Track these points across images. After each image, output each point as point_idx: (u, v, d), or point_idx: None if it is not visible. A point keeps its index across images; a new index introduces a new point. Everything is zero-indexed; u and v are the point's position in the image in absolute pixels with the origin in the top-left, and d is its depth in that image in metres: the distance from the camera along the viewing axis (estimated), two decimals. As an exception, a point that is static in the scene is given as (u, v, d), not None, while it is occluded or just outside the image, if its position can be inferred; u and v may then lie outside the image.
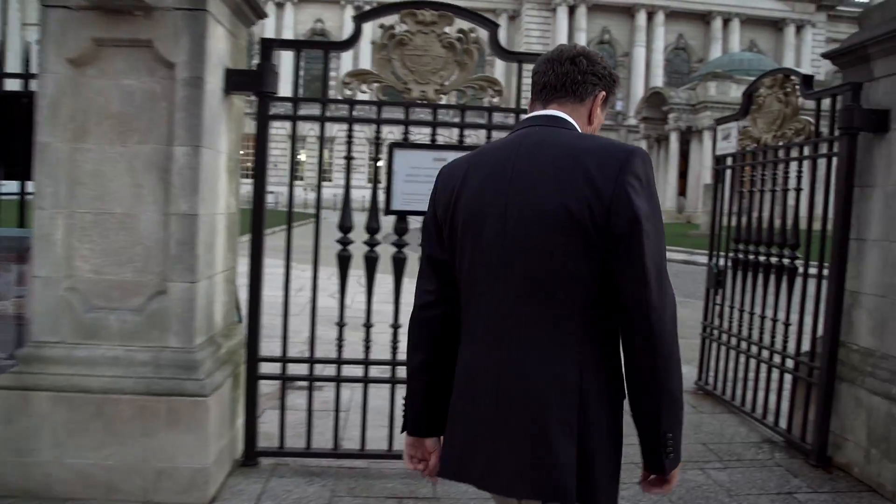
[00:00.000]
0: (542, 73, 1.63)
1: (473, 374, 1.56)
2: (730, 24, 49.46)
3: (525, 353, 1.48)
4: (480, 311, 1.55)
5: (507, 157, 1.54)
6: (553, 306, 1.47)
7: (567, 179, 1.44)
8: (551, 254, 1.45)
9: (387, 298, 4.18)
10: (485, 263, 1.53)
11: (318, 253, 3.64)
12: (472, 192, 1.56)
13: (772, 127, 4.50)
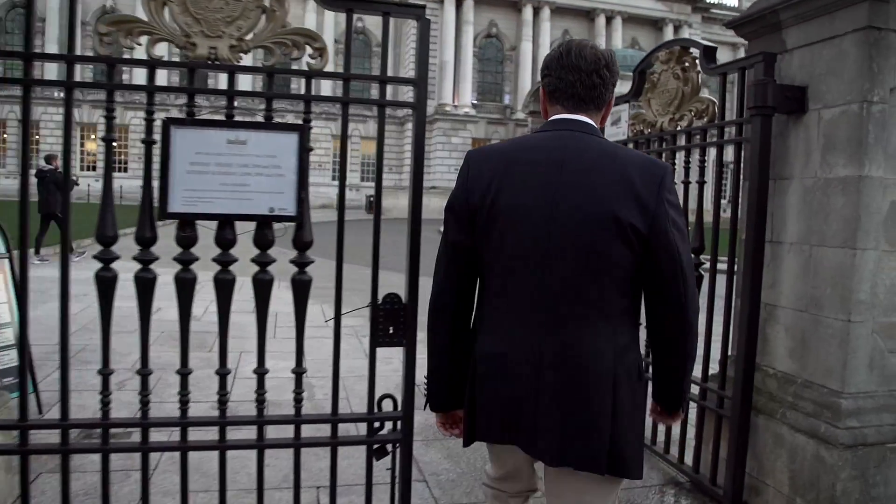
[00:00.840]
0: (570, 83, 1.77)
1: (515, 353, 1.73)
2: (612, 21, 50.52)
3: (568, 337, 1.68)
4: (523, 297, 1.72)
5: (554, 158, 1.71)
6: (594, 299, 1.69)
7: (615, 190, 1.65)
8: (598, 253, 1.66)
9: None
10: (532, 254, 1.69)
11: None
12: (519, 188, 1.71)
13: (668, 108, 3.81)
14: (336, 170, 49.14)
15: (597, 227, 1.65)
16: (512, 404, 1.74)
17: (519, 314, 1.74)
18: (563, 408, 1.68)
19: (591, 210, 1.66)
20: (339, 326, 2.77)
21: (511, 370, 1.73)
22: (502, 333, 1.77)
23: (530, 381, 1.71)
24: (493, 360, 1.77)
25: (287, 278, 2.75)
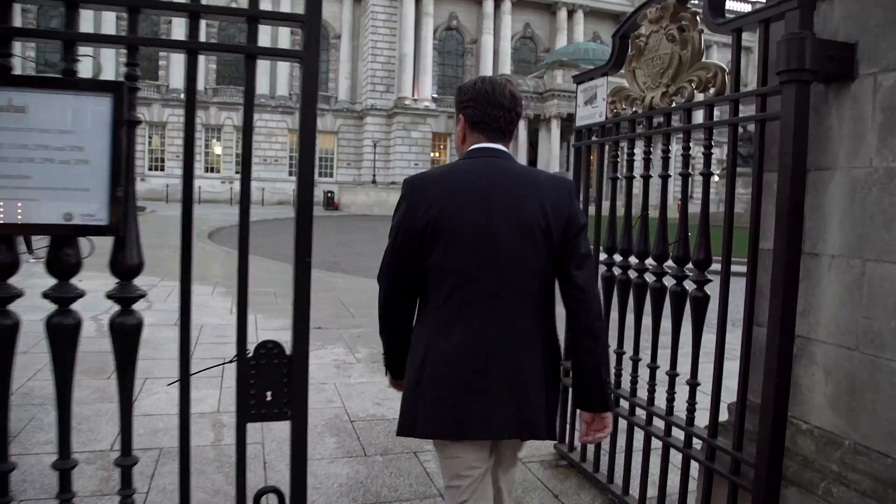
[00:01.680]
0: (496, 118, 2.07)
1: (464, 352, 1.96)
2: (574, 15, 50.02)
3: (510, 330, 1.97)
4: (468, 300, 1.98)
5: (485, 182, 2.00)
6: (526, 297, 2.00)
7: (537, 205, 1.98)
8: (527, 259, 1.97)
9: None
10: (474, 264, 1.96)
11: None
12: (459, 207, 1.97)
13: (660, 80, 2.97)
14: (295, 165, 47.93)
15: (525, 236, 1.96)
16: (468, 395, 1.95)
17: (466, 316, 1.98)
18: (512, 391, 1.95)
19: (519, 223, 1.97)
20: (187, 391, 1.85)
21: (465, 364, 1.96)
22: (453, 332, 1.98)
23: (482, 372, 1.95)
24: (448, 356, 1.97)
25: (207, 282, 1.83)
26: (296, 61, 1.82)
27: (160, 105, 45.30)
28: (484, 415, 1.95)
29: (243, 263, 1.86)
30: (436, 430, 2.00)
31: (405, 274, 2.06)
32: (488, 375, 1.95)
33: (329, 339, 6.69)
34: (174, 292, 9.54)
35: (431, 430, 2.00)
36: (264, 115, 47.05)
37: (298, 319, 1.85)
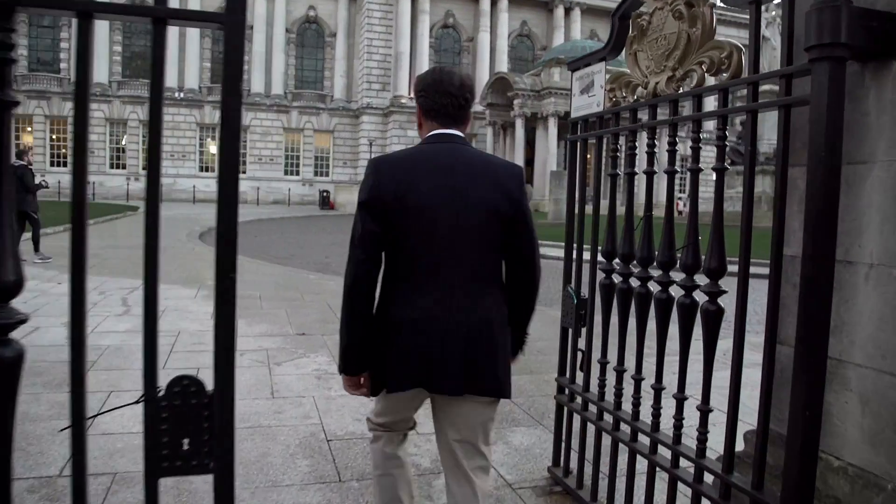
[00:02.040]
0: (444, 105, 2.25)
1: (428, 316, 2.14)
2: (571, 13, 49.68)
3: (473, 299, 2.17)
4: (432, 272, 2.16)
5: (445, 164, 2.19)
6: (481, 269, 2.21)
7: (491, 187, 2.18)
8: (482, 235, 2.18)
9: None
10: (436, 239, 2.14)
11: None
12: (422, 188, 2.14)
13: (665, 63, 2.62)
14: (290, 164, 47.49)
15: (482, 215, 2.17)
16: (428, 355, 2.14)
17: (428, 285, 2.17)
18: (470, 352, 2.15)
19: (476, 202, 2.17)
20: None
21: (427, 328, 2.15)
22: (416, 302, 2.17)
23: (443, 335, 2.14)
24: (412, 323, 2.16)
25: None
26: (214, 26, 1.45)
27: (154, 104, 44.85)
28: (451, 374, 2.15)
29: (151, 278, 1.49)
30: (409, 382, 2.19)
31: (374, 247, 2.16)
32: (450, 340, 2.14)
33: (312, 347, 6.33)
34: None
35: (400, 385, 2.20)
36: (259, 114, 46.65)
37: (221, 348, 1.50)
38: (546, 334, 7.19)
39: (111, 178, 43.80)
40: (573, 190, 3.54)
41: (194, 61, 45.62)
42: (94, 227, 21.70)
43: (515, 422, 4.52)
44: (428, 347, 2.14)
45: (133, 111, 44.59)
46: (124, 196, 42.35)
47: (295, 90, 47.73)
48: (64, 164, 43.83)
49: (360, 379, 2.29)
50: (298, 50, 48.30)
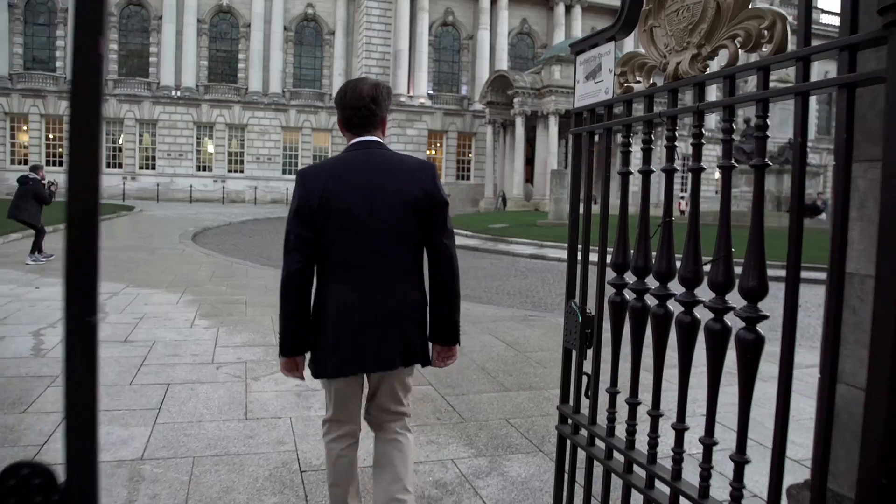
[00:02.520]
0: (351, 116, 2.55)
1: (351, 306, 2.45)
2: (572, 10, 49.20)
3: (389, 291, 2.49)
4: (356, 265, 2.46)
5: (363, 169, 2.48)
6: (403, 261, 2.51)
7: (408, 184, 2.48)
8: (402, 229, 2.48)
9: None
10: (360, 236, 2.44)
11: None
12: (345, 192, 2.44)
13: (689, 39, 2.18)
14: (288, 163, 47.04)
15: (399, 212, 2.46)
16: (361, 337, 2.45)
17: (357, 278, 2.47)
18: (396, 332, 2.49)
19: (394, 200, 2.45)
20: None
21: (359, 316, 2.45)
22: (348, 292, 2.47)
23: (372, 319, 2.46)
24: (343, 312, 2.46)
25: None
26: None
27: (150, 102, 44.41)
28: (376, 354, 2.48)
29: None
30: (347, 370, 2.50)
31: (305, 249, 2.44)
32: (377, 325, 2.46)
33: (295, 359, 5.90)
34: (136, 300, 8.74)
35: (345, 371, 2.50)
36: (257, 113, 46.22)
37: (76, 427, 1.03)
38: (546, 343, 6.78)
39: (107, 178, 43.28)
40: (577, 190, 3.10)
41: (191, 59, 45.16)
42: (86, 227, 21.27)
43: (512, 447, 4.07)
44: (355, 336, 2.46)
45: (129, 110, 44.13)
46: (121, 195, 41.94)
47: (293, 89, 47.28)
48: (59, 164, 43.40)
49: (295, 362, 2.57)
50: (297, 48, 47.84)
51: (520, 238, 19.78)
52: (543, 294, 10.90)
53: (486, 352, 6.40)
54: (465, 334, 7.68)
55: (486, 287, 11.49)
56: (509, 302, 10.01)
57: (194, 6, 44.92)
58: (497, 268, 14.52)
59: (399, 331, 2.51)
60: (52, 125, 43.40)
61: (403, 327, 2.52)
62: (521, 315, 8.35)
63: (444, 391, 5.11)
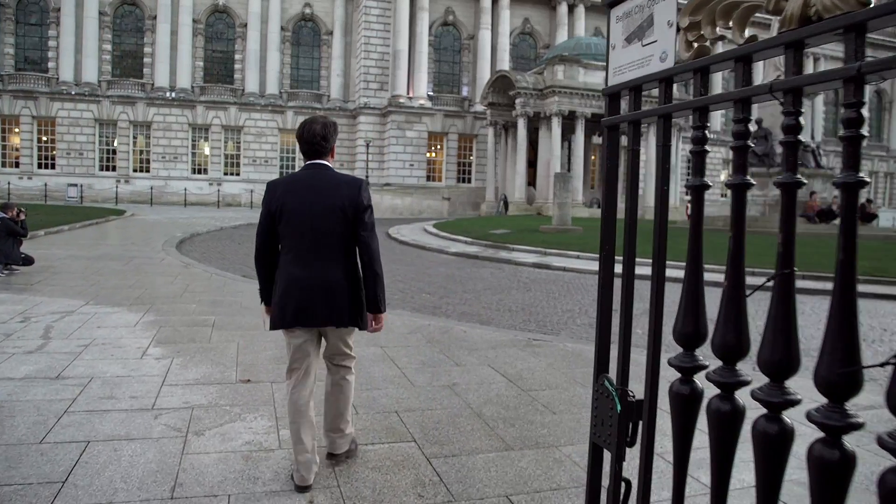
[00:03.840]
0: (306, 149, 3.60)
1: (298, 279, 3.46)
2: (575, 10, 48.24)
3: (324, 269, 3.46)
4: (299, 252, 3.48)
5: (309, 183, 3.51)
6: (333, 250, 3.47)
7: (338, 194, 3.45)
8: (332, 228, 3.44)
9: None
10: (301, 230, 3.45)
11: None
12: (293, 199, 3.46)
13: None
14: (286, 166, 46.12)
15: (331, 215, 3.45)
16: (302, 302, 3.46)
17: (300, 259, 3.49)
18: (328, 300, 3.47)
19: (327, 206, 3.45)
20: None
21: (301, 285, 3.47)
22: (293, 269, 3.50)
23: (310, 290, 3.47)
24: (292, 282, 3.49)
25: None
26: None
27: (145, 104, 43.50)
28: (312, 312, 3.50)
29: None
30: (290, 324, 3.52)
31: (267, 238, 3.58)
32: (313, 291, 3.48)
33: (254, 403, 4.91)
34: (89, 322, 7.69)
35: (288, 324, 3.52)
36: (254, 115, 45.30)
37: None
38: (554, 378, 5.77)
39: (100, 181, 42.45)
40: (612, 207, 2.12)
41: (186, 60, 44.25)
42: (68, 233, 20.31)
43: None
44: (298, 299, 3.49)
45: (123, 111, 43.22)
46: (114, 199, 41.02)
47: (290, 90, 46.35)
48: (51, 167, 42.48)
49: (268, 310, 3.68)
50: (294, 48, 46.91)
51: (522, 245, 18.76)
52: (549, 311, 9.89)
53: (483, 390, 5.41)
54: (461, 366, 6.69)
55: (485, 302, 10.49)
56: (511, 320, 9.01)
57: (189, 6, 44.03)
58: (498, 279, 13.52)
59: (328, 298, 3.48)
60: (44, 127, 42.48)
61: (332, 296, 3.49)
62: (524, 339, 7.35)
63: (431, 451, 4.11)
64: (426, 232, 25.16)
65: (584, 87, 36.86)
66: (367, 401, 5.05)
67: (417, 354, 6.51)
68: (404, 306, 9.86)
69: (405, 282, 12.62)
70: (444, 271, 14.64)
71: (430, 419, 4.69)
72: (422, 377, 5.73)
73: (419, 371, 5.92)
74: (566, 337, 8.02)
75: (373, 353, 6.47)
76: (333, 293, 3.47)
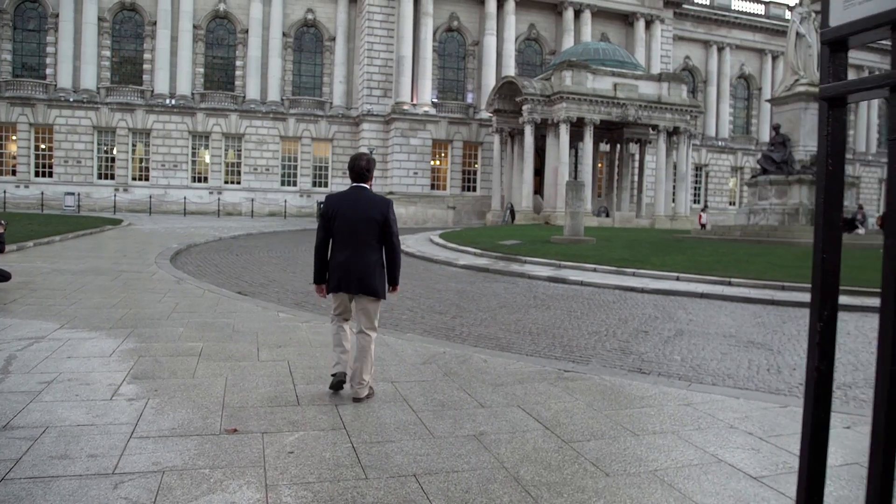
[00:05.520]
0: (353, 176, 5.46)
1: (342, 262, 5.27)
2: (581, 15, 47.45)
3: (363, 256, 5.26)
4: (346, 244, 5.27)
5: (354, 198, 5.33)
6: (370, 245, 5.28)
7: (373, 209, 5.29)
8: (370, 229, 5.27)
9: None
10: (349, 230, 5.27)
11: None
12: (343, 208, 5.29)
13: None
14: (287, 174, 45.33)
15: (367, 223, 5.24)
16: (344, 276, 5.25)
17: (345, 250, 5.25)
18: (367, 274, 5.23)
19: (366, 216, 5.25)
20: None
21: (344, 266, 5.23)
22: (339, 255, 5.27)
23: (349, 270, 5.21)
24: (337, 264, 5.27)
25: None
26: None
27: (144, 111, 42.73)
28: (349, 284, 5.25)
29: None
30: (335, 290, 5.34)
31: (325, 234, 5.37)
32: (350, 271, 5.21)
33: (239, 463, 4.00)
34: (59, 350, 6.59)
35: (334, 290, 5.35)
36: (255, 122, 44.52)
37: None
38: (598, 424, 4.38)
39: (98, 189, 41.64)
40: (833, 213, 1.21)
41: (186, 66, 43.48)
42: (59, 244, 19.42)
43: None
44: (343, 274, 5.27)
45: (122, 119, 42.43)
46: (112, 208, 40.20)
47: (292, 97, 45.56)
48: (49, 175, 41.69)
49: (320, 287, 5.51)
50: (296, 55, 46.15)
51: (535, 257, 17.85)
52: (573, 333, 8.97)
53: (517, 442, 4.50)
54: (486, 407, 5.54)
55: (502, 323, 9.57)
56: (533, 346, 8.09)
57: (190, 11, 43.32)
58: (513, 294, 12.60)
59: (366, 274, 5.27)
60: (41, 134, 41.72)
61: (368, 273, 5.27)
62: (553, 371, 6.43)
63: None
64: (432, 243, 24.26)
65: (593, 94, 36.02)
66: (379, 458, 4.13)
67: (434, 392, 5.59)
68: (414, 328, 8.94)
69: (414, 299, 11.70)
70: (455, 286, 13.71)
71: (457, 486, 3.76)
72: (442, 424, 4.81)
73: (438, 415, 5.01)
74: (598, 366, 7.11)
75: (382, 390, 5.56)
76: (364, 273, 5.27)
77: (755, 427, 5.01)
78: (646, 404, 5.52)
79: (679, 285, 13.73)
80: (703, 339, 8.74)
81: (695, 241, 24.04)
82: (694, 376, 6.85)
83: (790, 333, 9.36)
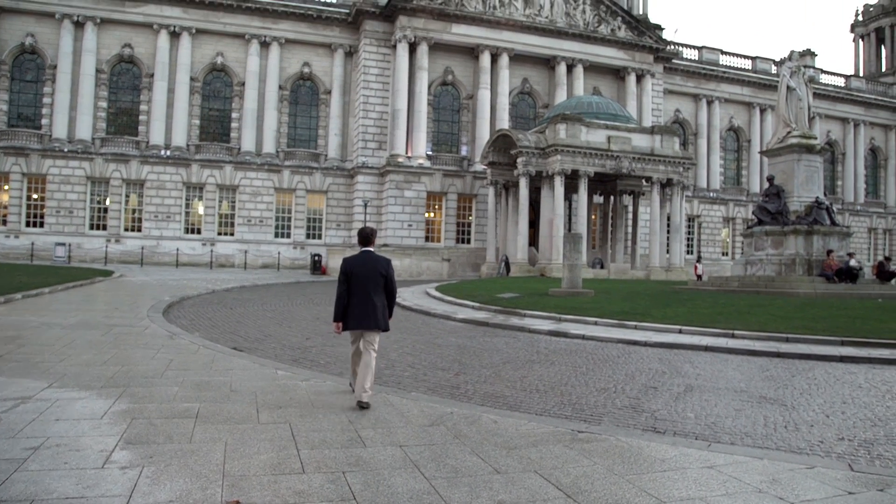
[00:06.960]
0: (360, 241, 7.53)
1: (357, 304, 7.18)
2: (574, 70, 48.21)
3: (373, 300, 7.21)
4: (359, 293, 7.19)
5: (364, 259, 7.33)
6: (377, 292, 7.27)
7: (379, 266, 7.33)
8: (377, 282, 7.28)
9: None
10: (361, 285, 7.21)
11: None
12: (357, 268, 7.25)
13: None
14: (281, 226, 45.22)
15: (375, 277, 7.24)
16: (361, 316, 7.18)
17: (359, 295, 7.18)
18: (375, 315, 7.18)
19: (374, 273, 7.25)
20: None
21: (359, 309, 7.18)
22: (356, 301, 7.18)
23: (367, 310, 7.17)
24: (355, 306, 7.18)
25: None
26: None
27: (138, 162, 42.74)
28: (363, 322, 7.17)
29: None
30: (353, 327, 7.23)
31: (345, 287, 7.20)
32: (366, 312, 7.15)
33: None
34: (47, 413, 5.97)
35: (352, 328, 7.24)
36: (249, 174, 44.56)
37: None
38: (623, 494, 4.40)
39: (90, 240, 41.31)
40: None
41: (182, 117, 43.67)
42: (48, 296, 19.05)
43: None
44: (358, 315, 7.14)
45: (116, 169, 42.38)
46: (103, 258, 39.85)
47: (287, 149, 45.74)
48: (40, 225, 41.41)
49: (338, 324, 7.24)
50: (291, 107, 46.49)
51: (534, 310, 17.60)
52: (581, 390, 8.68)
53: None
54: (502, 473, 4.89)
55: (507, 380, 9.27)
56: (542, 404, 7.80)
57: (188, 64, 43.75)
58: (515, 349, 12.32)
59: (374, 315, 7.11)
60: (34, 184, 41.60)
61: (376, 314, 7.12)
62: (567, 432, 6.14)
63: None
64: (429, 296, 24.00)
65: (587, 146, 36.33)
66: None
67: (446, 457, 5.29)
68: (417, 386, 8.64)
69: (414, 354, 11.40)
70: (455, 341, 13.41)
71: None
72: (457, 493, 4.50)
73: (452, 483, 4.70)
74: (611, 425, 6.83)
75: (391, 455, 5.26)
76: (375, 312, 7.11)
77: (786, 492, 4.73)
78: (667, 467, 5.24)
79: (682, 338, 13.48)
80: (714, 395, 8.47)
81: (693, 293, 23.87)
82: (711, 435, 6.57)
83: (801, 387, 9.10)
